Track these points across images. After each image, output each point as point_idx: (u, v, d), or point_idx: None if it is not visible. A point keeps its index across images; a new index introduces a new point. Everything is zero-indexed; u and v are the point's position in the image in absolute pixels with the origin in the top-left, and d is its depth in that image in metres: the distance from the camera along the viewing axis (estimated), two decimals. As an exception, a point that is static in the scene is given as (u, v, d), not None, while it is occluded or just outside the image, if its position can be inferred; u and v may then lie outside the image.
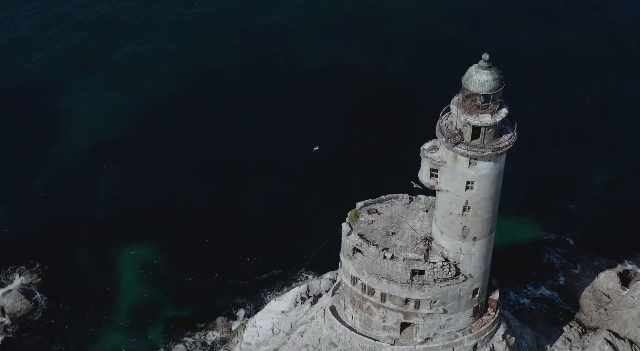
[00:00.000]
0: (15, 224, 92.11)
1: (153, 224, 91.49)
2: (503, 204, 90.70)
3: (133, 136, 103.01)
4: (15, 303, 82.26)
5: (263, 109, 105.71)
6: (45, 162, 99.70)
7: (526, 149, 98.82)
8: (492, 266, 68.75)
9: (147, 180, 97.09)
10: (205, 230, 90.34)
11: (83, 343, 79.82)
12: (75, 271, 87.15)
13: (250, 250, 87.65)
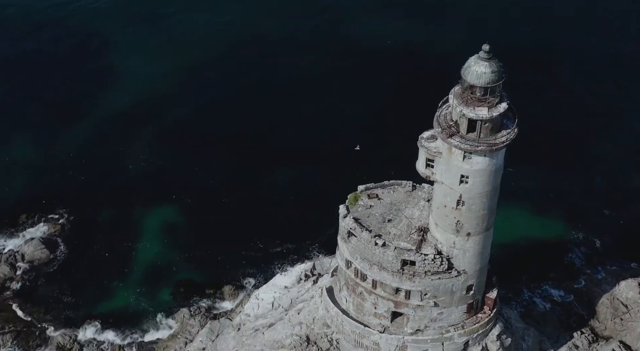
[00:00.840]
0: (48, 175, 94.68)
1: (180, 190, 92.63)
2: (533, 198, 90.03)
3: (174, 101, 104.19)
4: (35, 252, 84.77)
5: (308, 88, 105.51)
6: (85, 119, 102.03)
7: (566, 147, 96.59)
8: (498, 263, 67.39)
9: (180, 148, 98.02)
10: (228, 201, 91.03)
11: (94, 297, 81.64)
12: (98, 226, 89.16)
13: (268, 224, 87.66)
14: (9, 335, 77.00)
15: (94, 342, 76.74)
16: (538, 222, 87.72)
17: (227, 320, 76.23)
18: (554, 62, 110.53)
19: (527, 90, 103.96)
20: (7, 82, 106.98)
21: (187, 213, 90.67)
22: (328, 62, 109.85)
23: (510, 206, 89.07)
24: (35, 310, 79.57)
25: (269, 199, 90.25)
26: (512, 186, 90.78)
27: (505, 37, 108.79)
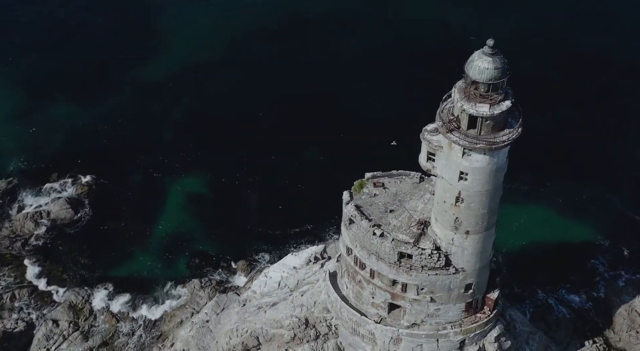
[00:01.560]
0: (82, 138, 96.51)
1: (208, 163, 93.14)
2: (564, 200, 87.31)
3: (212, 76, 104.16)
4: (61, 211, 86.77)
5: (347, 68, 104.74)
6: (124, 86, 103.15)
7: (603, 151, 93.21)
8: (517, 261, 65.37)
9: (213, 122, 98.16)
10: (254, 179, 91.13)
11: (111, 260, 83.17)
12: (125, 192, 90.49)
13: (290, 203, 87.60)
14: (25, 290, 79.30)
15: (105, 304, 78.33)
16: (565, 223, 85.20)
17: (234, 295, 76.63)
18: (600, 63, 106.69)
19: (560, 91, 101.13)
20: (51, 46, 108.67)
21: (212, 187, 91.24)
22: (372, 43, 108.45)
23: (539, 205, 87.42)
24: (52, 268, 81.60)
25: (293, 179, 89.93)
26: (543, 186, 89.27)
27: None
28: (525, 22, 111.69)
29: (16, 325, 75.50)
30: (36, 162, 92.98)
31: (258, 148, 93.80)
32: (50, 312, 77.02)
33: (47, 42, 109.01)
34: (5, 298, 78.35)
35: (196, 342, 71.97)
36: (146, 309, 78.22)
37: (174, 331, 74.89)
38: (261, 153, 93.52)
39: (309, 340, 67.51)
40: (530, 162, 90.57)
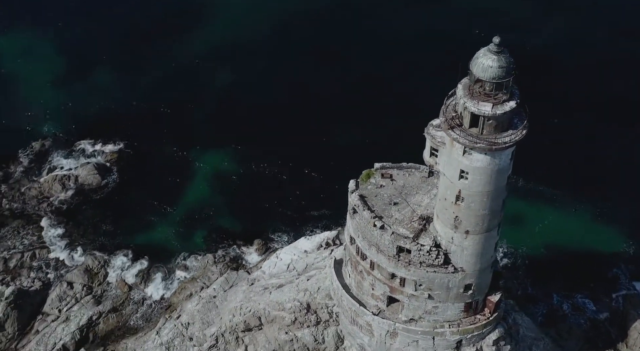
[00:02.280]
0: (118, 106, 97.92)
1: (239, 140, 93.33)
2: (589, 202, 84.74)
3: (253, 53, 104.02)
4: (88, 176, 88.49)
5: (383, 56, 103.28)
6: (165, 56, 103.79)
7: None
8: (536, 263, 63.55)
9: (248, 100, 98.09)
10: (281, 158, 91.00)
11: (132, 228, 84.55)
12: (153, 162, 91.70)
13: (313, 186, 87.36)
14: (45, 250, 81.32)
15: (120, 271, 79.77)
16: (590, 228, 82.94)
17: (245, 273, 77.05)
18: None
19: (590, 92, 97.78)
20: (98, 14, 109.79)
21: (238, 165, 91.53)
22: (409, 29, 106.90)
23: (564, 209, 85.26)
24: (74, 231, 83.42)
25: (318, 162, 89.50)
26: (571, 189, 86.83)
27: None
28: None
29: (32, 284, 77.57)
30: (71, 126, 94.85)
31: (287, 130, 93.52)
32: (66, 274, 78.92)
33: (95, 9, 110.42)
34: (25, 256, 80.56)
35: (201, 316, 72.64)
36: (159, 279, 79.39)
37: (182, 303, 75.78)
38: (289, 135, 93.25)
39: (309, 325, 67.48)
40: (559, 163, 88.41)
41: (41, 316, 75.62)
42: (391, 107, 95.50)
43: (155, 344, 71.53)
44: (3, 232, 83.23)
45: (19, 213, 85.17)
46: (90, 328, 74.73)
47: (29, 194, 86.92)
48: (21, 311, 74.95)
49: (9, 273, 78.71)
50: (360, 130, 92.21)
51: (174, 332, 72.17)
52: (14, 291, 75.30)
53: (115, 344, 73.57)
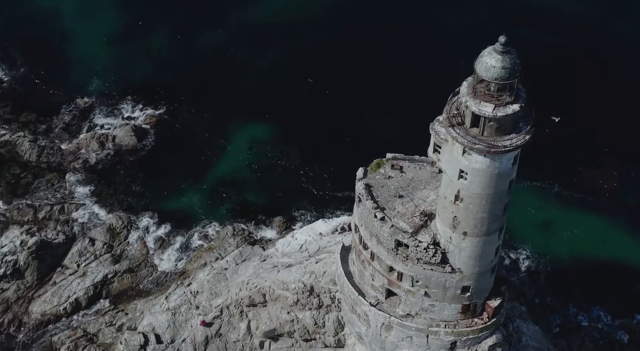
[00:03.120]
0: (167, 70, 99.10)
1: (280, 115, 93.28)
2: (624, 213, 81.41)
3: (310, 30, 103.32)
4: (125, 136, 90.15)
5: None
6: (221, 25, 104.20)
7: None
8: (559, 270, 61.10)
9: (296, 75, 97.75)
10: (317, 139, 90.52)
11: (160, 192, 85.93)
12: (190, 130, 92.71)
13: (342, 168, 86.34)
14: (74, 205, 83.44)
15: (141, 233, 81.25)
16: (620, 241, 79.81)
17: (259, 249, 77.37)
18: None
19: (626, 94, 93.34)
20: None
21: (274, 140, 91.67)
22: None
23: (597, 218, 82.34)
24: (104, 190, 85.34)
25: (350, 145, 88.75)
26: (606, 198, 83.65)
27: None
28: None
29: (56, 237, 79.82)
30: (116, 87, 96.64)
31: (325, 112, 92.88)
32: (90, 231, 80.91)
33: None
34: (54, 209, 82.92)
35: (210, 287, 73.46)
36: (178, 245, 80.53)
37: (195, 272, 76.71)
38: (326, 116, 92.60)
39: (311, 308, 67.31)
40: (602, 172, 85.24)
41: (60, 269, 77.85)
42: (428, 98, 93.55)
43: (163, 308, 72.72)
44: (37, 183, 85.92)
45: (55, 167, 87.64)
46: (104, 286, 76.55)
47: (67, 149, 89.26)
48: (42, 261, 77.32)
49: (37, 224, 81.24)
50: (397, 116, 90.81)
51: (182, 299, 73.20)
52: (37, 242, 77.69)
53: (125, 304, 75.16)
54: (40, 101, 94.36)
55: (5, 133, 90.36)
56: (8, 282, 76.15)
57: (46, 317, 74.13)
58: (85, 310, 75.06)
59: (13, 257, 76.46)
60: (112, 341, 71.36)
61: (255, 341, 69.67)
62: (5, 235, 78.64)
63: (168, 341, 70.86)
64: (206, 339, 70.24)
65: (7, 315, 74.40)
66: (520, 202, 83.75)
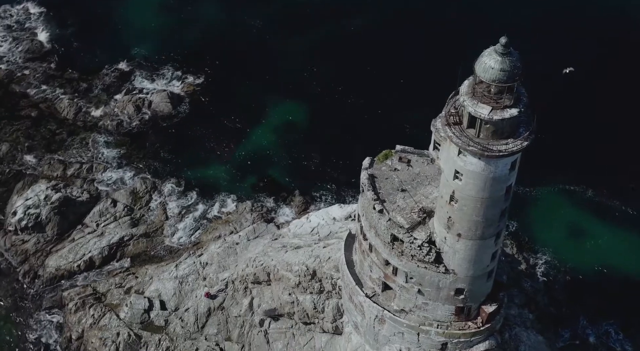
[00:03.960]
0: (213, 38, 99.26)
1: (317, 97, 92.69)
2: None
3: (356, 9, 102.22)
4: (161, 102, 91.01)
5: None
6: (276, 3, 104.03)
7: None
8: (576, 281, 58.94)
9: (339, 57, 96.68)
10: (347, 122, 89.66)
11: (187, 160, 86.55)
12: (227, 101, 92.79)
13: (368, 153, 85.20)
14: (102, 166, 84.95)
15: (163, 200, 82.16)
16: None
17: (273, 227, 77.26)
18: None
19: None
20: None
21: (310, 121, 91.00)
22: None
23: (629, 229, 79.17)
24: (133, 153, 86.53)
25: (381, 132, 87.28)
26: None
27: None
28: None
29: (81, 195, 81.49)
30: (159, 52, 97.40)
31: (361, 96, 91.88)
32: (114, 192, 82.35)
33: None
34: (83, 168, 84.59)
35: (219, 260, 73.90)
36: (197, 215, 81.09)
37: (209, 243, 77.32)
38: (361, 101, 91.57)
39: (312, 292, 67.01)
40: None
41: (80, 227, 79.55)
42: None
43: (171, 276, 73.62)
44: (70, 140, 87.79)
45: (90, 126, 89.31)
46: (120, 248, 77.90)
47: (104, 110, 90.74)
48: (63, 217, 79.13)
49: (64, 180, 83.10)
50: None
51: (191, 269, 73.95)
52: (60, 198, 79.52)
53: (137, 267, 76.38)
54: (83, 61, 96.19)
55: (47, 90, 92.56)
56: (29, 234, 78.33)
57: (60, 272, 76.04)
58: (98, 269, 76.62)
59: (36, 211, 78.48)
60: (118, 303, 72.73)
61: (256, 319, 69.91)
62: (32, 188, 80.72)
63: (172, 309, 71.83)
64: (208, 311, 70.93)
65: (23, 266, 76.68)
66: (548, 204, 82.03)
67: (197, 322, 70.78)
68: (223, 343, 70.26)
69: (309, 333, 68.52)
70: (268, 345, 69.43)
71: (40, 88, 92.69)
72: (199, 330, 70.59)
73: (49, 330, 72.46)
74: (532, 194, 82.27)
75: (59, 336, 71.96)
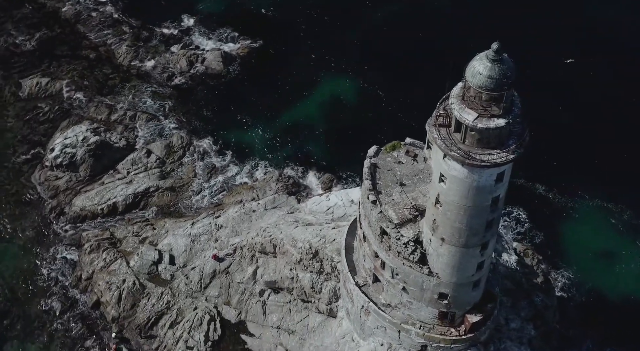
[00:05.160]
0: (278, 2, 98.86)
1: (368, 73, 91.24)
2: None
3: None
4: (214, 60, 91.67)
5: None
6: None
7: None
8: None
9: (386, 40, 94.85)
10: (397, 104, 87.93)
11: (228, 121, 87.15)
12: (280, 68, 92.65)
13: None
14: (145, 115, 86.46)
15: (196, 156, 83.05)
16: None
17: (294, 201, 76.94)
18: None
19: None
20: None
21: (361, 98, 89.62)
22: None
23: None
24: (178, 107, 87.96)
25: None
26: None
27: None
28: None
29: (118, 141, 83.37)
30: (222, 10, 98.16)
31: (426, 82, 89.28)
32: (150, 143, 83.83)
33: None
34: (127, 115, 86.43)
35: (233, 224, 74.37)
36: (225, 177, 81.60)
37: (228, 207, 77.80)
38: (425, 86, 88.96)
39: (312, 271, 66.65)
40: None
41: (112, 172, 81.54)
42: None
43: (185, 233, 74.65)
44: (121, 86, 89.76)
45: (142, 75, 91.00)
46: (144, 198, 79.49)
47: (159, 60, 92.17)
48: (97, 160, 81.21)
49: (106, 125, 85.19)
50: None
51: (206, 229, 74.75)
52: (97, 141, 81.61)
53: (156, 219, 77.75)
54: (149, 11, 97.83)
55: (109, 34, 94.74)
56: (63, 172, 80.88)
57: (84, 213, 78.32)
58: (120, 216, 78.53)
59: (73, 150, 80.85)
60: (131, 251, 74.43)
61: (257, 288, 70.22)
62: (73, 128, 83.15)
63: (180, 265, 73.00)
64: (213, 273, 71.73)
65: (52, 202, 79.40)
66: (582, 219, 78.44)
67: (201, 282, 71.75)
68: (222, 306, 71.03)
69: (305, 311, 68.35)
70: (264, 316, 69.72)
71: (102, 32, 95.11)
72: (201, 290, 71.57)
73: (63, 266, 74.99)
74: (566, 205, 78.85)
75: (71, 273, 74.44)
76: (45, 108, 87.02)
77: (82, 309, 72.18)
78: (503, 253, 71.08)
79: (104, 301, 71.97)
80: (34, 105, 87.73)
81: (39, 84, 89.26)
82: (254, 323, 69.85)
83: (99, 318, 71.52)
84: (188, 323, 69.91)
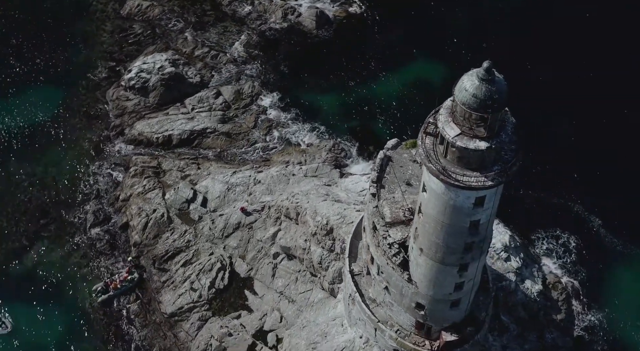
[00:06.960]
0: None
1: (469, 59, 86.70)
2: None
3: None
4: (308, 18, 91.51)
5: None
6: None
7: None
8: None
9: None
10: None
11: (304, 82, 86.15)
12: (375, 36, 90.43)
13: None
14: (226, 58, 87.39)
15: (258, 107, 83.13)
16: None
17: (336, 173, 75.92)
18: None
19: None
20: None
21: (446, 84, 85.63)
22: None
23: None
24: (259, 56, 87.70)
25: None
26: None
27: None
28: None
29: (193, 77, 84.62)
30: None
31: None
32: (222, 85, 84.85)
33: None
34: (210, 53, 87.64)
35: (270, 182, 74.51)
36: (281, 135, 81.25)
37: (274, 165, 77.93)
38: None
39: (323, 247, 66.11)
40: None
41: (178, 105, 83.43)
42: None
43: (224, 179, 75.56)
44: (215, 25, 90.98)
45: (237, 18, 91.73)
46: (199, 137, 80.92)
47: (256, 6, 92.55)
48: (168, 91, 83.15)
49: (188, 59, 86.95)
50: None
51: (244, 181, 75.39)
52: (172, 73, 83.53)
53: (204, 161, 79.00)
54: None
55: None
56: (134, 95, 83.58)
57: (141, 138, 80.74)
58: (172, 149, 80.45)
59: (147, 76, 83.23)
60: (171, 184, 76.37)
61: (273, 250, 70.45)
62: (153, 55, 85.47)
63: (210, 209, 74.22)
64: (238, 224, 72.49)
65: (116, 121, 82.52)
66: (633, 268, 72.82)
67: (224, 230, 72.77)
68: (236, 258, 71.83)
69: (310, 284, 68.11)
70: (272, 278, 70.03)
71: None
72: (222, 238, 72.62)
73: (107, 183, 78.10)
74: (622, 250, 73.32)
75: (112, 192, 77.44)
76: (137, 31, 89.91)
77: (111, 227, 75.17)
78: (527, 280, 67.57)
79: (132, 225, 74.58)
80: (130, 25, 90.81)
81: (139, 5, 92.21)
82: (261, 282, 70.35)
83: (123, 241, 74.33)
84: (199, 266, 71.40)
